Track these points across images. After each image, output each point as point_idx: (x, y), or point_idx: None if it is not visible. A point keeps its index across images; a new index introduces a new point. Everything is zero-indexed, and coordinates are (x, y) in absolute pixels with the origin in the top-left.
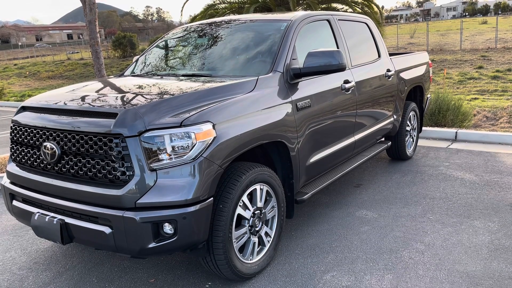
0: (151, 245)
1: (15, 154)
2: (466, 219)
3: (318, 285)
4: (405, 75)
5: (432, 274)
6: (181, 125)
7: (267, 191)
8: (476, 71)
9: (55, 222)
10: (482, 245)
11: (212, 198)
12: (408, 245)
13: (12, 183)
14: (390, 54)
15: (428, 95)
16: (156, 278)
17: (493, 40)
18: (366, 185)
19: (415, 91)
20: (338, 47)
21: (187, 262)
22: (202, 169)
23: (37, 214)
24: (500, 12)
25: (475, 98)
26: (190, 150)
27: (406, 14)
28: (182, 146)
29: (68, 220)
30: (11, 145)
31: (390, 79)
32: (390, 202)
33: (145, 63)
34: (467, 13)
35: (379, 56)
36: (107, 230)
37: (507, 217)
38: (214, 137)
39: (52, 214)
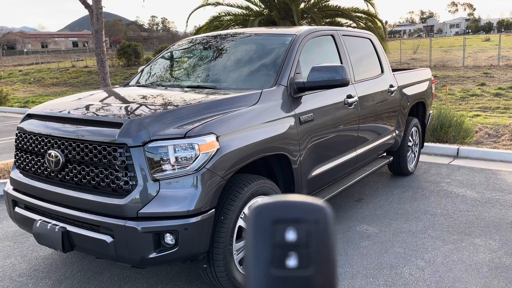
0: (152, 255)
1: (19, 161)
2: (467, 236)
3: None
4: (408, 91)
5: None
6: (185, 136)
7: None
8: (479, 88)
9: (56, 230)
10: (483, 263)
11: (213, 210)
12: (408, 261)
13: (15, 189)
14: (393, 70)
15: (431, 111)
16: None
17: (495, 57)
18: (367, 200)
19: (418, 107)
20: (341, 62)
21: (186, 273)
22: (204, 180)
23: (39, 221)
24: (503, 30)
25: (477, 115)
26: (193, 161)
27: (410, 30)
28: (186, 157)
29: (70, 228)
30: (15, 152)
31: (393, 94)
32: (391, 218)
33: (150, 73)
34: (470, 30)
35: (382, 71)
36: (108, 239)
37: (508, 235)
38: (218, 149)
39: (54, 222)
